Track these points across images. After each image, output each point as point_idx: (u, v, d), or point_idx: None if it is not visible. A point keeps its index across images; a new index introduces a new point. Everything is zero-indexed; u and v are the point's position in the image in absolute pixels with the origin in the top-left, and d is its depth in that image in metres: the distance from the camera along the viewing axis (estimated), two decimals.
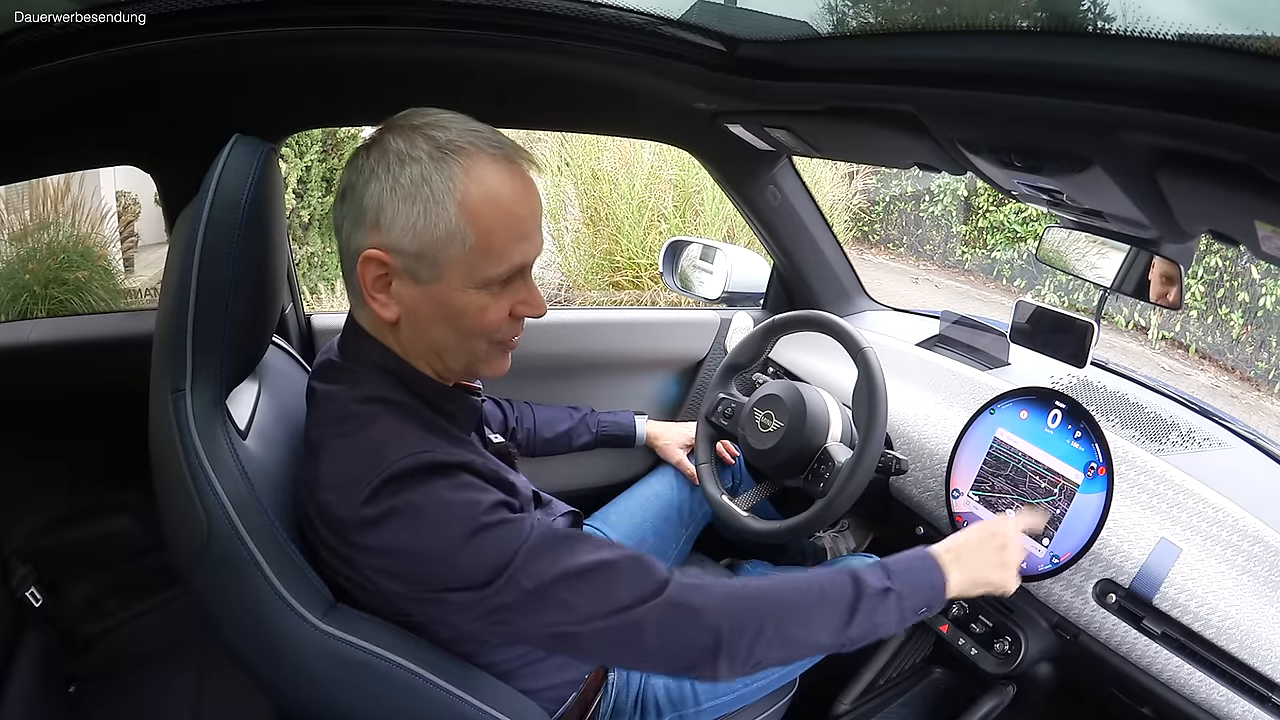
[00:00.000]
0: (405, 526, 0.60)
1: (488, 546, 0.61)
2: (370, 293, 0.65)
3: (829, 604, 0.69)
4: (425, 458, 0.62)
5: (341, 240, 0.66)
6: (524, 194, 0.65)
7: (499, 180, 0.63)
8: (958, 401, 1.13)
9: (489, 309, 0.66)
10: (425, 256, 0.63)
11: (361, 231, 0.63)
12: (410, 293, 0.65)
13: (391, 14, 0.82)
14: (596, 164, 4.30)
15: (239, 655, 0.64)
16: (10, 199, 3.54)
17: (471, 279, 0.64)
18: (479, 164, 0.62)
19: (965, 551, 0.78)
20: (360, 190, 0.63)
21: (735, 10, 0.90)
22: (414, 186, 0.61)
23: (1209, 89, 0.49)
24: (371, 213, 0.62)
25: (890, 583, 0.71)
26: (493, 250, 0.63)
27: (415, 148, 0.62)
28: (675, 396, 1.50)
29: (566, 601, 0.62)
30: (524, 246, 0.66)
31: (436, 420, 0.69)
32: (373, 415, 0.65)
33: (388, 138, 0.63)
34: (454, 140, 0.62)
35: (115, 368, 0.91)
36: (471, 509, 0.61)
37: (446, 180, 0.61)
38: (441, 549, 0.60)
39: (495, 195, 0.63)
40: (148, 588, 1.18)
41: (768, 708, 0.98)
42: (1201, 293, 4.53)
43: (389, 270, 0.64)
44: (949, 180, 5.74)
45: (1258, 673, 0.75)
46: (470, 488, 0.63)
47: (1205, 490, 0.87)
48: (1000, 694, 1.03)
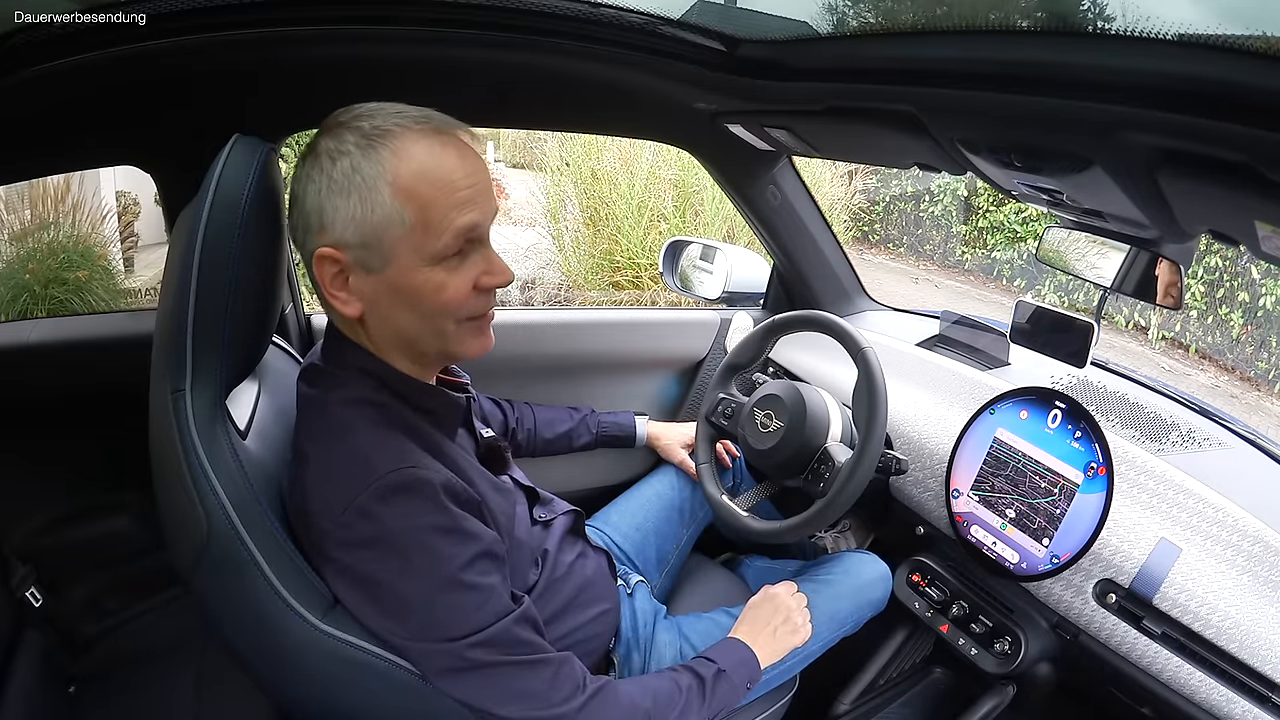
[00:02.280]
0: (383, 561, 0.61)
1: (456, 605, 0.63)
2: (330, 292, 0.65)
3: (686, 695, 0.78)
4: (410, 474, 0.62)
5: (299, 247, 0.67)
6: (458, 161, 0.64)
7: (428, 153, 0.63)
8: (958, 401, 1.13)
9: (446, 285, 0.65)
10: (370, 245, 0.63)
11: (312, 235, 0.64)
12: (366, 284, 0.65)
13: (391, 14, 0.82)
14: (596, 164, 4.29)
15: (239, 655, 0.65)
16: (10, 199, 3.54)
17: (420, 257, 0.64)
18: (405, 142, 0.62)
19: (757, 629, 0.92)
20: (303, 196, 0.64)
21: (735, 10, 0.89)
22: (346, 179, 0.62)
23: (1209, 89, 0.49)
24: (315, 214, 0.63)
25: (718, 664, 0.84)
26: (432, 223, 0.63)
27: (343, 142, 0.62)
28: (675, 396, 1.50)
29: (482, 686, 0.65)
30: (467, 213, 0.64)
31: (419, 422, 0.70)
32: (354, 420, 0.65)
33: (319, 140, 0.64)
34: (380, 125, 0.63)
35: (115, 368, 0.91)
36: (449, 563, 0.62)
37: (375, 165, 0.62)
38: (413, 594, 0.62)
39: (425, 169, 0.63)
40: (148, 588, 1.18)
41: (767, 707, 0.98)
42: (1201, 293, 4.53)
43: (342, 266, 0.64)
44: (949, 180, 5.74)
45: (1258, 673, 0.75)
46: (453, 532, 0.64)
47: (1205, 490, 0.87)
48: (1000, 694, 1.03)
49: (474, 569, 0.64)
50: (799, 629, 0.94)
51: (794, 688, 1.03)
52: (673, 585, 1.16)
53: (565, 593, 0.86)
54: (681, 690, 0.78)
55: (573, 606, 0.86)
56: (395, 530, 0.61)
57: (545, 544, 0.87)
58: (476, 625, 0.63)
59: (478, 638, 0.63)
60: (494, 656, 0.64)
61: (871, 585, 1.06)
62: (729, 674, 0.84)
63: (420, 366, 0.72)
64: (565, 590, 0.86)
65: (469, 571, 0.63)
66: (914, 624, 1.15)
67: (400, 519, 0.61)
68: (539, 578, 0.83)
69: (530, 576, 0.81)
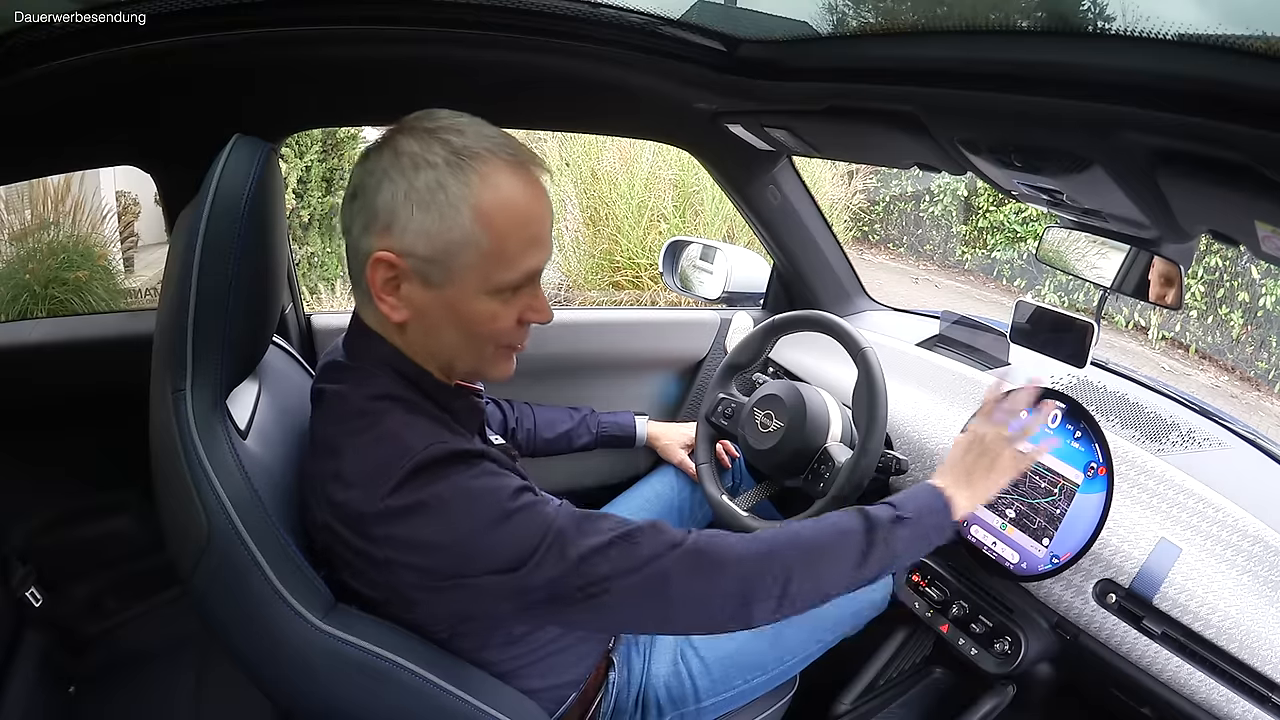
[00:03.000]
0: (432, 521, 0.60)
1: (515, 531, 0.61)
2: (379, 294, 0.65)
3: (846, 538, 0.72)
4: (447, 447, 0.62)
5: (350, 241, 0.66)
6: (537, 200, 0.65)
7: (513, 187, 0.63)
8: (958, 401, 1.13)
9: (499, 315, 0.66)
10: (438, 261, 0.63)
11: (372, 234, 0.63)
12: (420, 296, 0.65)
13: (392, 14, 0.82)
14: (596, 164, 4.29)
15: (239, 655, 0.64)
16: (10, 199, 3.54)
17: (484, 285, 0.64)
18: (494, 170, 0.62)
19: (959, 472, 0.82)
20: (373, 192, 0.63)
21: (735, 10, 0.90)
22: (429, 192, 0.61)
23: (1209, 89, 0.49)
24: (384, 215, 0.62)
25: (899, 511, 0.75)
26: (506, 256, 0.64)
27: (431, 152, 0.61)
28: (675, 396, 1.50)
29: (592, 572, 0.62)
30: (536, 253, 0.66)
31: (443, 417, 0.70)
32: (384, 410, 0.65)
33: (402, 140, 0.62)
34: (470, 146, 0.62)
35: (115, 368, 0.91)
36: (497, 495, 0.62)
37: (462, 186, 0.61)
38: (469, 537, 0.61)
39: (510, 202, 0.63)
40: (148, 588, 1.18)
41: (768, 707, 0.98)
42: (1201, 293, 4.53)
43: (399, 273, 0.64)
44: (949, 180, 5.74)
45: (1258, 673, 0.75)
46: (492, 474, 0.63)
47: (1205, 490, 0.87)
48: (1000, 694, 1.03)
49: (520, 496, 0.63)
50: (1005, 470, 0.83)
51: (794, 688, 1.03)
52: None
53: None
54: (841, 530, 0.72)
55: None
56: (441, 492, 0.61)
57: None
58: (538, 537, 0.61)
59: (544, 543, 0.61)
60: (572, 551, 0.61)
61: (871, 585, 1.06)
62: (912, 523, 0.75)
63: (445, 376, 0.72)
64: None
65: (519, 498, 0.63)
66: (914, 624, 1.15)
67: (440, 482, 0.61)
68: None
69: None
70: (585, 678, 0.85)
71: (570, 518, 0.64)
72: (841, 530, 0.72)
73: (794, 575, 0.68)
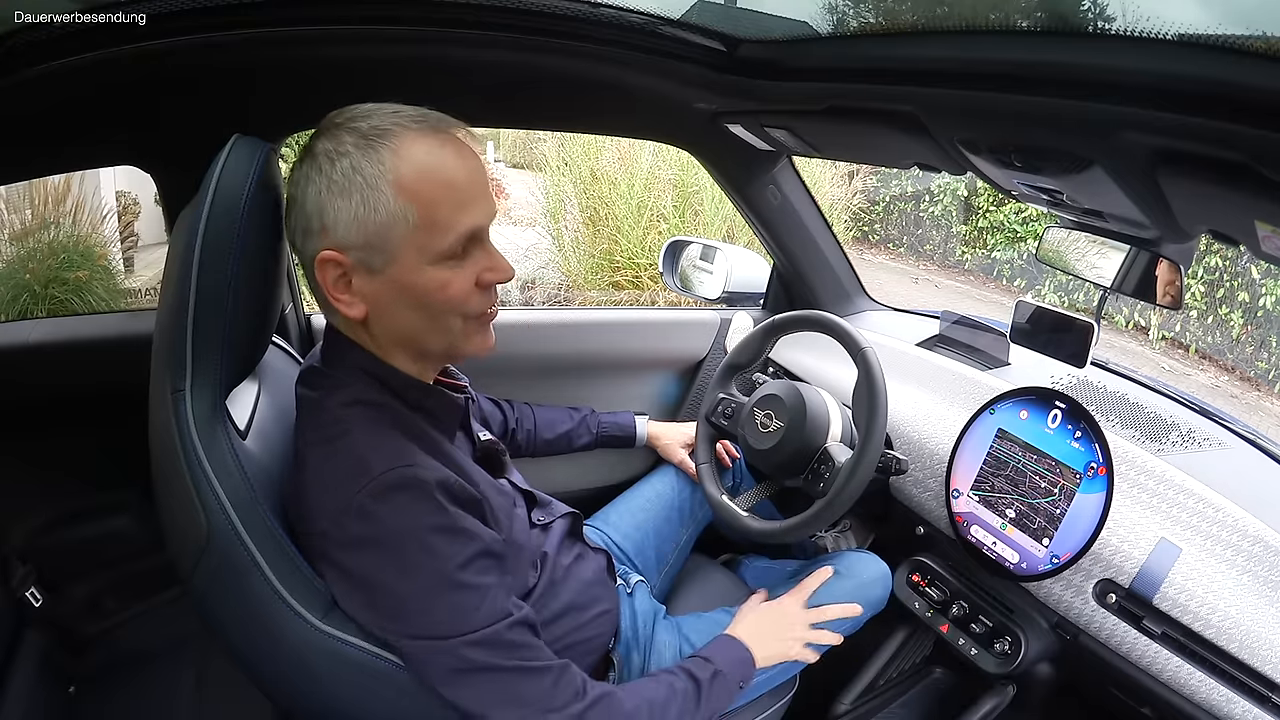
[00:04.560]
0: (381, 560, 0.61)
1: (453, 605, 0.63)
2: (333, 294, 0.65)
3: (681, 698, 0.78)
4: (407, 473, 0.62)
5: (298, 252, 0.67)
6: (458, 160, 0.64)
7: (429, 153, 0.63)
8: (958, 401, 1.13)
9: (451, 282, 0.66)
10: (374, 245, 0.63)
11: (312, 238, 0.64)
12: (370, 285, 0.65)
13: (392, 14, 0.82)
14: (596, 164, 4.29)
15: (239, 655, 0.65)
16: (10, 199, 3.54)
17: (424, 256, 0.64)
18: (405, 142, 0.62)
19: (758, 631, 0.91)
20: (301, 198, 0.64)
21: (735, 10, 0.90)
22: (346, 179, 0.62)
23: (1209, 89, 0.49)
24: (316, 216, 0.63)
25: (715, 665, 0.83)
26: (438, 223, 0.63)
27: (341, 143, 0.62)
28: (675, 396, 1.50)
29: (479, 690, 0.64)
30: (471, 212, 0.65)
31: (416, 421, 0.70)
32: (351, 421, 0.65)
33: (316, 142, 0.64)
34: (378, 125, 0.62)
35: (115, 368, 0.91)
36: (447, 562, 0.62)
37: (376, 165, 0.62)
38: (413, 595, 0.62)
39: (428, 168, 0.63)
40: (148, 588, 1.19)
41: (767, 707, 0.98)
42: (1201, 293, 4.53)
43: (345, 268, 0.64)
44: (949, 180, 5.74)
45: (1258, 673, 0.75)
46: (450, 531, 0.64)
47: (1205, 490, 0.87)
48: (1000, 694, 1.03)
49: (472, 568, 0.64)
50: (797, 643, 0.94)
51: (794, 688, 1.03)
52: (672, 585, 1.16)
53: (565, 595, 0.86)
54: (677, 694, 0.78)
55: (572, 608, 0.86)
56: (392, 530, 0.61)
57: (544, 547, 0.87)
58: (474, 625, 0.63)
59: (474, 637, 0.63)
60: (491, 659, 0.64)
61: (871, 585, 1.06)
62: (725, 675, 0.83)
63: (422, 366, 0.72)
64: (564, 592, 0.86)
65: (467, 571, 0.63)
66: (914, 624, 1.15)
67: (396, 518, 0.61)
68: (538, 580, 0.83)
69: (529, 579, 0.81)
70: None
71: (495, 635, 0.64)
72: (677, 692, 0.78)
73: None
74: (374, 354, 0.69)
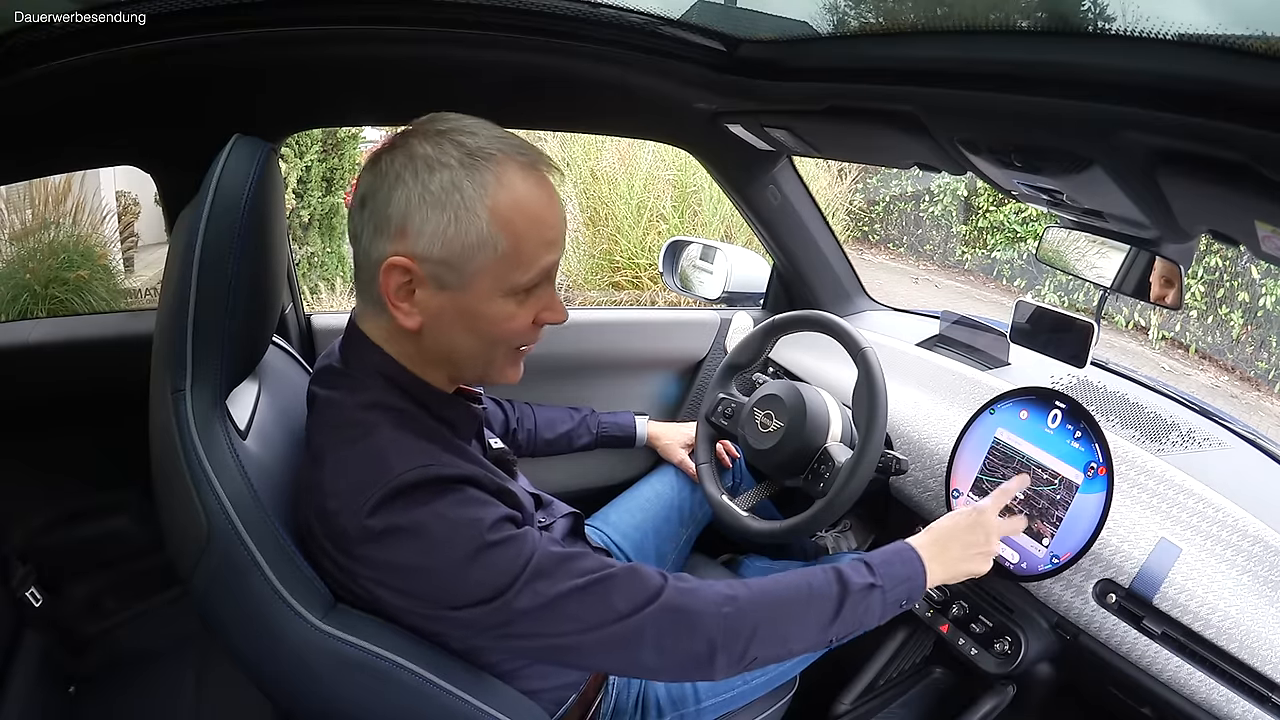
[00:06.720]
0: (409, 544, 0.60)
1: (492, 564, 0.61)
2: (394, 301, 0.64)
3: (816, 602, 0.72)
4: (430, 471, 0.62)
5: (361, 248, 0.65)
6: (550, 201, 0.65)
7: (527, 187, 0.63)
8: (958, 401, 1.13)
9: (515, 317, 0.66)
10: (453, 264, 0.62)
11: (385, 239, 0.62)
12: (434, 300, 0.64)
13: (392, 14, 0.82)
14: (596, 164, 4.30)
15: (239, 655, 0.64)
16: (11, 199, 3.54)
17: (499, 286, 0.64)
18: (509, 171, 0.62)
19: (946, 543, 0.81)
20: (384, 197, 0.62)
21: (735, 10, 0.90)
22: (444, 193, 0.60)
23: (1209, 89, 0.49)
24: (397, 220, 0.61)
25: (873, 578, 0.74)
26: (522, 257, 0.63)
27: (444, 154, 0.61)
28: (675, 396, 1.50)
29: (568, 614, 0.63)
30: (551, 252, 0.66)
31: (438, 428, 0.69)
32: (374, 423, 0.65)
33: (413, 143, 0.62)
34: (484, 147, 0.62)
35: (115, 368, 0.91)
36: (476, 526, 0.62)
37: (478, 187, 0.61)
38: (446, 567, 0.61)
39: (525, 202, 0.63)
40: (148, 588, 1.19)
41: (767, 707, 0.98)
42: (1201, 293, 4.53)
43: (413, 277, 0.63)
44: (949, 180, 5.74)
45: (1258, 673, 0.75)
46: (474, 503, 0.63)
47: (1205, 490, 0.87)
48: (1000, 694, 1.03)
49: (500, 529, 0.63)
50: (988, 558, 0.84)
51: (794, 688, 1.03)
52: None
53: None
54: (813, 592, 0.71)
55: None
56: (420, 517, 0.61)
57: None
58: (516, 571, 0.61)
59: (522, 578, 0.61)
60: (548, 589, 0.62)
61: None
62: (883, 591, 0.74)
63: (449, 381, 0.72)
64: None
65: (499, 530, 0.62)
66: (914, 624, 1.15)
67: (419, 507, 0.61)
68: None
69: None
70: (585, 679, 0.85)
71: (550, 557, 0.64)
72: (814, 593, 0.72)
73: (761, 636, 0.68)
74: (402, 364, 0.68)
